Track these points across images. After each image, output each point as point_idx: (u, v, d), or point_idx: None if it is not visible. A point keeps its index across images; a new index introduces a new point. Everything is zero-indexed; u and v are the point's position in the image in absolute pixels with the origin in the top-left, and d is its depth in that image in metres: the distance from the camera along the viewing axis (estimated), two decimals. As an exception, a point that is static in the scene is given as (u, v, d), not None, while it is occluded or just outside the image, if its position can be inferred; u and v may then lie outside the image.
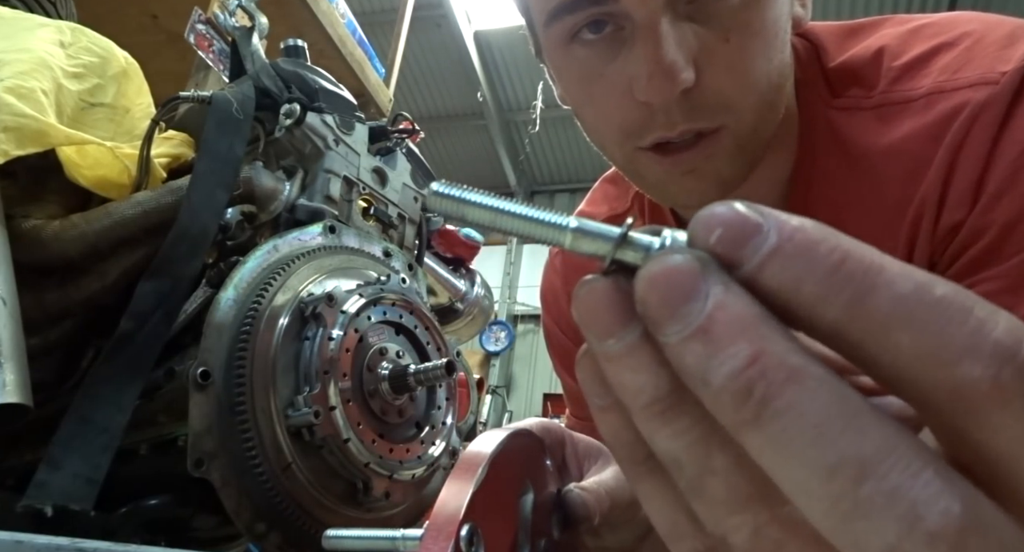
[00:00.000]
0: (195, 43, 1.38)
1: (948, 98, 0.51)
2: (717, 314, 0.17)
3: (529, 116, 6.72)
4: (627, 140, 0.52)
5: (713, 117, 0.50)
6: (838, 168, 0.56)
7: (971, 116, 0.49)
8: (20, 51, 0.72)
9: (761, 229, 0.17)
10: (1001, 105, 0.48)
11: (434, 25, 6.28)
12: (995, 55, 0.50)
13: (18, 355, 0.60)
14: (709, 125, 0.50)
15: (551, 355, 0.86)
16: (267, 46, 0.90)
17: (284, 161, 0.82)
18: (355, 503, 0.64)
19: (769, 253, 0.17)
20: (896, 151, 0.53)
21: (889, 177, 0.53)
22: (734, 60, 0.48)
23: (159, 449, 0.68)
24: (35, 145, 0.64)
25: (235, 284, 0.64)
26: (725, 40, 0.47)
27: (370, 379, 0.65)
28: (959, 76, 0.51)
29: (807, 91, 0.58)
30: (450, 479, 0.29)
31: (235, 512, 0.59)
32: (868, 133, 0.54)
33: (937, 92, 0.51)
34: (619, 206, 0.74)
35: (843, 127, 0.56)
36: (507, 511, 0.32)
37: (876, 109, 0.54)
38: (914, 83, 0.53)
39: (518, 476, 0.33)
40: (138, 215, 0.70)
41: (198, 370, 0.59)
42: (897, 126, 0.53)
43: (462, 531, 0.26)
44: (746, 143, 0.52)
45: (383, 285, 0.69)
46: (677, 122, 0.49)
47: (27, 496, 0.55)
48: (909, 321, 0.16)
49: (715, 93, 0.48)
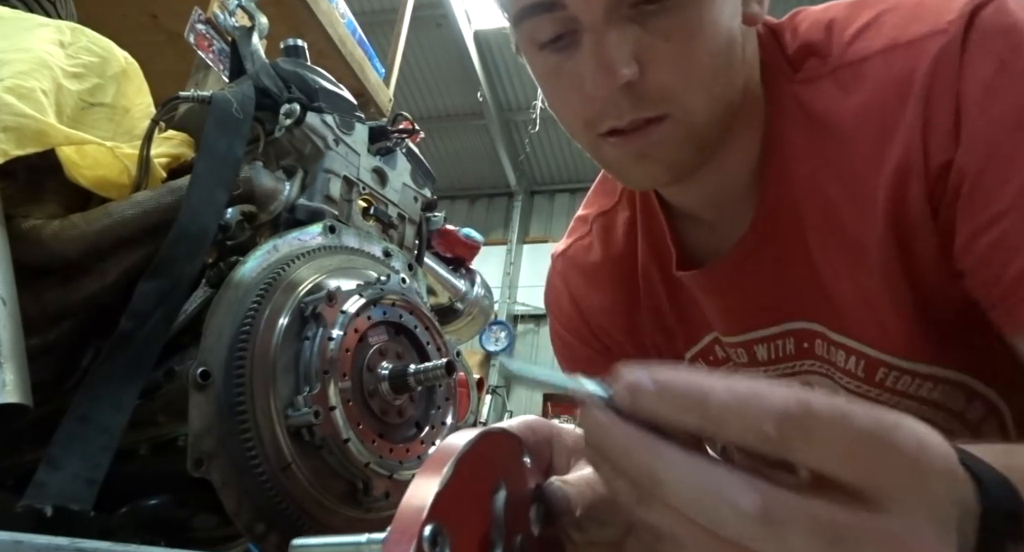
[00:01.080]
0: (195, 43, 1.38)
1: (904, 52, 0.55)
2: (611, 431, 0.30)
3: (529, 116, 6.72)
4: (588, 129, 0.58)
5: (656, 107, 0.55)
6: (807, 136, 0.60)
7: (932, 67, 0.53)
8: (20, 51, 0.72)
9: (641, 385, 0.29)
10: (955, 51, 0.52)
11: (434, 25, 6.27)
12: (939, 8, 0.55)
13: (18, 355, 0.60)
14: (653, 113, 0.55)
15: (558, 358, 0.86)
16: (267, 46, 0.90)
17: (284, 161, 0.82)
18: (355, 503, 0.64)
19: (648, 398, 0.29)
20: (862, 110, 0.56)
21: (858, 136, 0.57)
22: (674, 57, 0.53)
23: (159, 449, 0.68)
24: (35, 145, 0.64)
25: (235, 284, 0.64)
26: (666, 39, 0.53)
27: (370, 379, 0.65)
28: (909, 31, 0.55)
29: (770, 73, 0.62)
30: (416, 479, 0.29)
31: (235, 512, 0.59)
32: (830, 98, 0.58)
33: (891, 48, 0.55)
34: (607, 202, 0.78)
35: (806, 97, 0.60)
36: (477, 510, 0.32)
37: (833, 73, 0.58)
38: (866, 44, 0.57)
39: (490, 475, 0.33)
40: (138, 215, 0.70)
41: (198, 370, 0.59)
42: (858, 86, 0.57)
43: (425, 531, 0.26)
44: (693, 131, 0.56)
45: (383, 285, 0.69)
46: (624, 112, 0.55)
47: (27, 496, 0.55)
48: (733, 411, 0.27)
49: (657, 86, 0.54)
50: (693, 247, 0.69)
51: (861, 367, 0.62)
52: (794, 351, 0.66)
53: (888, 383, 0.62)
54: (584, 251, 0.79)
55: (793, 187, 0.60)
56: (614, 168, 0.62)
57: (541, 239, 8.00)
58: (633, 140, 0.56)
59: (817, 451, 0.26)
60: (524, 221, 8.18)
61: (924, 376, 0.61)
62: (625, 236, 0.75)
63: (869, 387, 0.63)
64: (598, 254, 0.77)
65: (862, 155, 0.57)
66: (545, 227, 8.15)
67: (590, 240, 0.79)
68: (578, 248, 0.80)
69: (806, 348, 0.66)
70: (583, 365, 0.82)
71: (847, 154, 0.57)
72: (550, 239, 7.95)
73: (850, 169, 0.57)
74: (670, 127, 0.55)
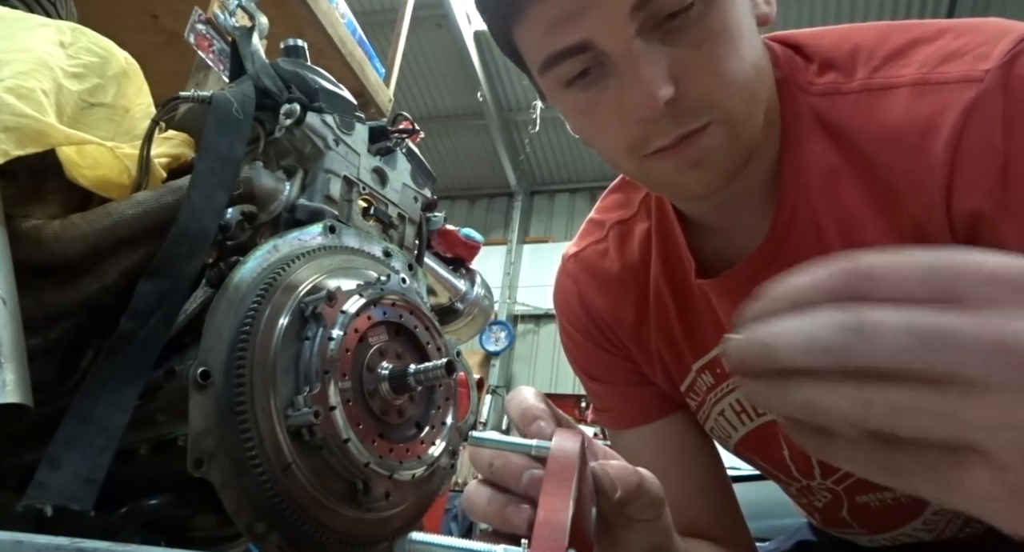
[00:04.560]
0: (195, 43, 1.38)
1: (935, 92, 0.55)
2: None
3: (529, 116, 6.73)
4: (633, 153, 0.58)
5: (699, 117, 0.55)
6: (825, 147, 0.60)
7: (963, 116, 0.53)
8: (20, 51, 0.72)
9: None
10: (994, 105, 0.52)
11: (434, 25, 6.28)
12: (975, 53, 0.54)
13: (18, 355, 0.60)
14: (698, 124, 0.55)
15: (569, 358, 0.86)
16: (267, 46, 0.90)
17: (284, 161, 0.82)
18: (355, 503, 0.64)
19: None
20: (886, 134, 0.57)
21: (880, 157, 0.57)
22: (707, 64, 0.54)
23: (159, 449, 0.68)
24: (35, 145, 0.64)
25: (235, 284, 0.64)
26: (696, 48, 0.53)
27: (370, 379, 0.65)
28: (942, 70, 0.55)
29: (787, 87, 0.62)
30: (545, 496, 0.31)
31: (235, 512, 0.59)
32: (851, 115, 0.59)
33: (922, 84, 0.55)
34: (626, 212, 0.79)
35: (825, 110, 0.60)
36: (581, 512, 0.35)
37: (858, 93, 0.59)
38: (895, 71, 0.57)
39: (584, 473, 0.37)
40: (138, 215, 0.70)
41: (198, 370, 0.59)
42: (883, 112, 0.57)
43: None
44: (737, 131, 0.57)
45: (383, 285, 0.69)
46: (669, 130, 0.55)
47: (27, 496, 0.55)
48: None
49: (697, 97, 0.54)
50: (707, 257, 0.69)
51: None
52: None
53: None
54: (599, 256, 0.80)
55: (810, 196, 0.60)
56: (665, 183, 0.62)
57: (541, 239, 8.00)
58: (682, 151, 0.56)
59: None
60: (524, 221, 8.19)
61: None
62: (640, 247, 0.76)
63: None
64: (614, 262, 0.78)
65: (882, 178, 0.57)
66: (545, 227, 8.16)
67: (606, 246, 0.79)
68: (592, 252, 0.81)
69: None
70: (591, 363, 0.83)
71: (868, 173, 0.58)
72: (550, 239, 7.95)
73: (871, 186, 0.58)
74: (715, 132, 0.56)
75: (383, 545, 0.69)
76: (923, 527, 0.72)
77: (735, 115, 0.56)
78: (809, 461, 0.72)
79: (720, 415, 0.74)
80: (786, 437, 0.71)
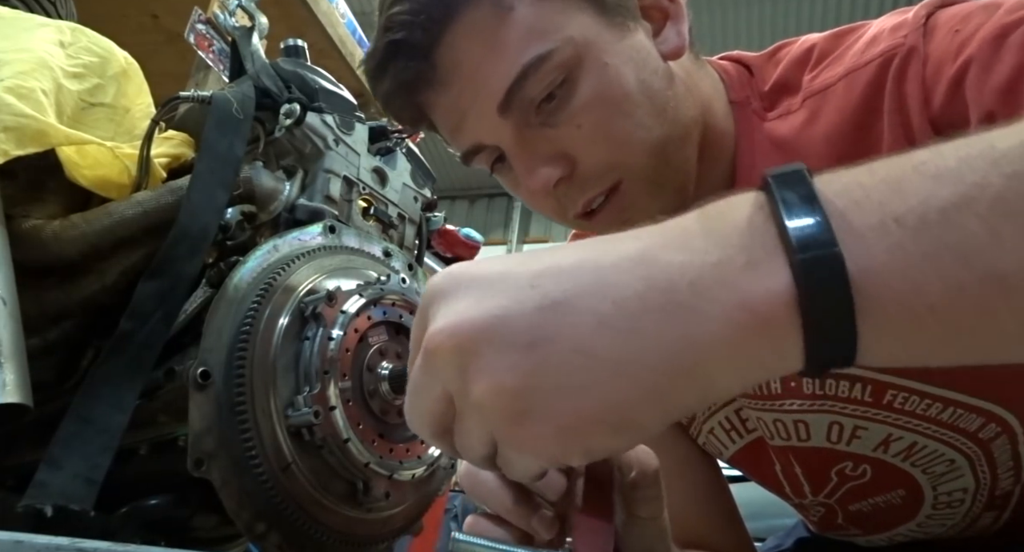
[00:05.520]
0: (195, 43, 1.38)
1: (865, 72, 0.55)
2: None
3: (529, 116, 6.71)
4: (563, 219, 0.62)
5: (603, 181, 0.57)
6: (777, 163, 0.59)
7: (897, 72, 0.53)
8: (20, 51, 0.71)
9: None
10: (919, 48, 0.52)
11: (434, 25, 6.27)
12: (895, 27, 0.56)
13: (18, 355, 0.60)
14: (605, 186, 0.57)
15: None
16: (267, 46, 0.90)
17: (284, 161, 0.82)
18: (355, 503, 0.64)
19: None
20: (832, 130, 0.57)
21: (830, 155, 0.56)
22: (594, 135, 0.55)
23: (159, 449, 0.68)
24: (35, 145, 0.64)
25: (235, 284, 0.64)
26: (578, 125, 0.54)
27: (370, 379, 0.65)
28: (868, 53, 0.56)
29: (742, 110, 0.63)
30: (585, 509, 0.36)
31: (235, 512, 0.59)
32: (799, 128, 0.59)
33: (853, 71, 0.56)
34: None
35: (778, 132, 0.60)
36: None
37: (803, 104, 0.59)
38: (831, 72, 0.58)
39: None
40: (138, 215, 0.70)
41: (198, 370, 0.59)
42: (825, 111, 0.57)
43: None
44: (655, 179, 0.58)
45: (383, 285, 0.69)
46: (576, 198, 0.58)
47: (27, 496, 0.55)
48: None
49: (594, 166, 0.56)
50: None
51: (868, 392, 0.61)
52: (780, 389, 0.65)
53: (896, 405, 0.61)
54: None
55: None
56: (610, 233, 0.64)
57: (541, 239, 7.99)
58: (606, 214, 0.58)
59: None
60: (524, 221, 8.18)
61: (934, 397, 0.60)
62: None
63: (878, 410, 0.62)
64: None
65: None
66: (545, 227, 8.15)
67: None
68: None
69: (793, 386, 0.64)
70: None
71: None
72: (550, 239, 7.94)
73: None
74: (630, 189, 0.57)
75: (383, 545, 0.69)
76: (918, 529, 0.72)
77: (646, 168, 0.56)
78: (799, 480, 0.72)
79: (711, 433, 0.74)
80: (777, 454, 0.71)
